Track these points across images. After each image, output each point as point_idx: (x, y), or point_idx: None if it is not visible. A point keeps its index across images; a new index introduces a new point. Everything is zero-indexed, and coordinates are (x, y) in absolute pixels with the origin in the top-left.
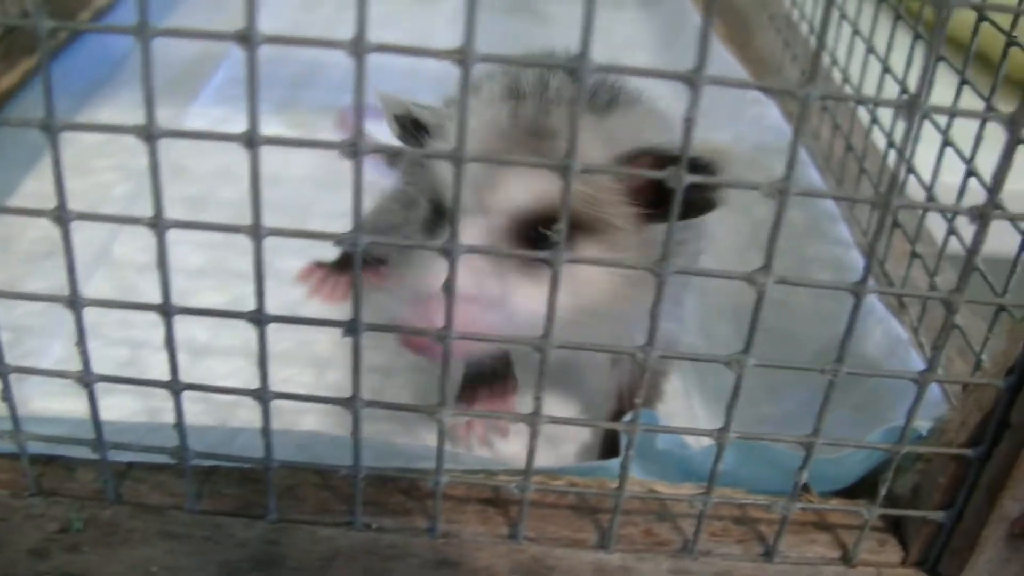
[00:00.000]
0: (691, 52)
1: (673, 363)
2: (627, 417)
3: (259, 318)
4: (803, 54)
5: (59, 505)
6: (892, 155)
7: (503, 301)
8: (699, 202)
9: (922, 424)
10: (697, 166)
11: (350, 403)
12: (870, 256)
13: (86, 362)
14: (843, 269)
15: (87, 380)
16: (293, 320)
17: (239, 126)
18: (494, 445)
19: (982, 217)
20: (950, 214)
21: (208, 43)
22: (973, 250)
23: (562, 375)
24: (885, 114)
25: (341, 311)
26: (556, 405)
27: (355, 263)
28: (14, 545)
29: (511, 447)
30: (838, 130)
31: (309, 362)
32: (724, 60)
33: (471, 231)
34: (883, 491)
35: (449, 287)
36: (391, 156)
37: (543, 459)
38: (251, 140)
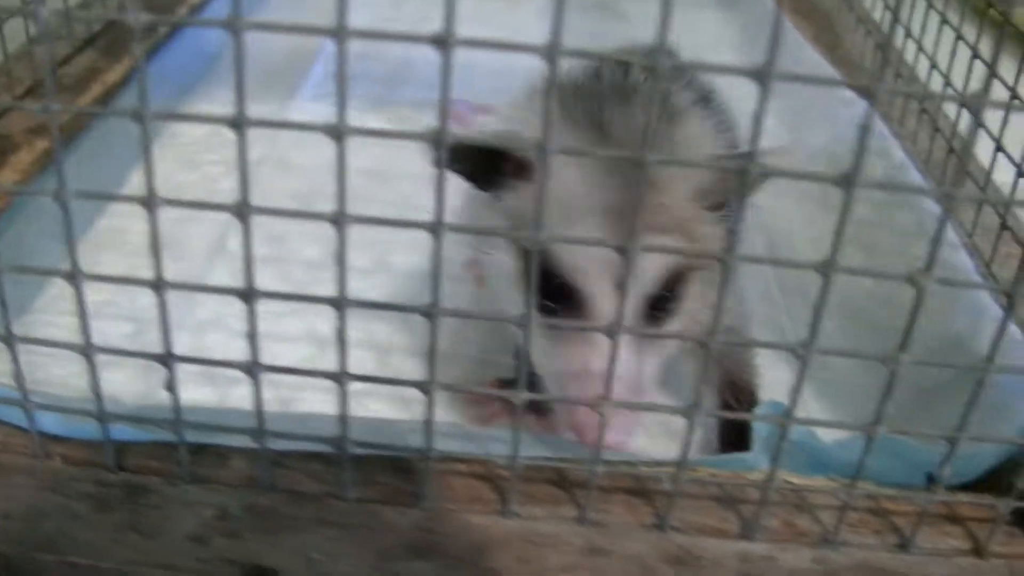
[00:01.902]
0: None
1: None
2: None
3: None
4: (896, 58)
5: (215, 492)
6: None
7: (644, 376)
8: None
9: None
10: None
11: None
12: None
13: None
14: (949, 270)
15: (254, 372)
16: None
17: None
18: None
19: None
20: None
21: (300, 39)
22: None
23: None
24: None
25: None
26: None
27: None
28: (173, 531)
29: (637, 441)
30: (938, 133)
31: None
32: (813, 60)
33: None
34: (1022, 485)
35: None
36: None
37: (668, 453)
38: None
